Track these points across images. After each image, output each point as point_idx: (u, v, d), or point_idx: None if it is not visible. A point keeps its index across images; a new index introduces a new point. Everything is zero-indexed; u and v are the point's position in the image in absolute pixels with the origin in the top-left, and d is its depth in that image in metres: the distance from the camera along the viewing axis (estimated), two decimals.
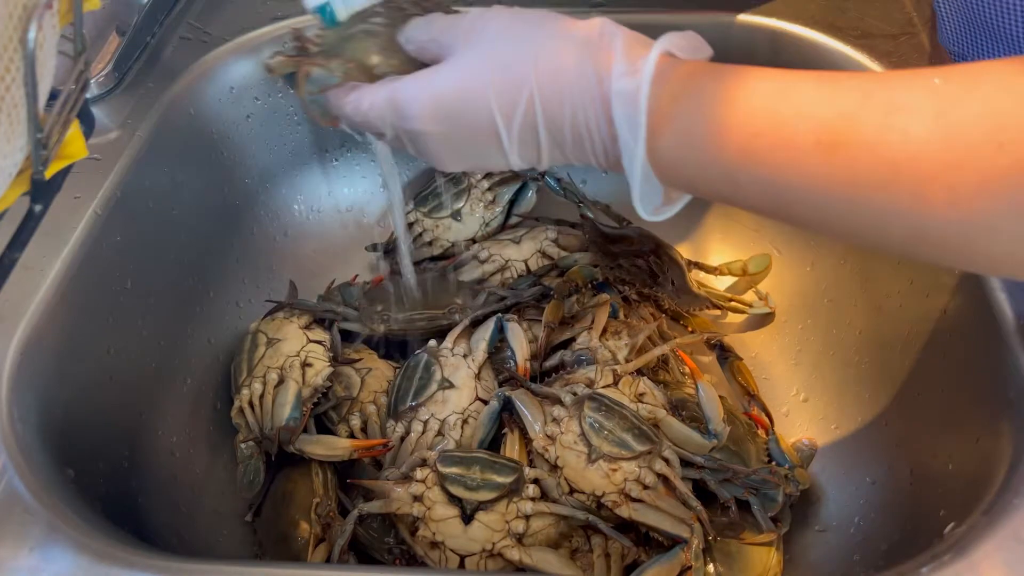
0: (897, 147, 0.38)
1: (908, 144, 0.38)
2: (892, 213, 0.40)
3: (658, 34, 0.45)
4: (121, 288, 0.70)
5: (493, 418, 0.71)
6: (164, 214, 0.77)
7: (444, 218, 0.90)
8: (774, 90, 0.41)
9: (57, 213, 0.67)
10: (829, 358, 0.79)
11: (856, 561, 0.65)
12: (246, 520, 0.74)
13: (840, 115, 0.40)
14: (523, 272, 0.87)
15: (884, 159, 0.39)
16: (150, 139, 0.75)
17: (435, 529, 0.63)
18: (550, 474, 0.66)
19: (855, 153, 0.39)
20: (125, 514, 0.62)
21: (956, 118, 0.38)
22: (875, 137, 0.39)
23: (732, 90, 0.42)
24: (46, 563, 0.50)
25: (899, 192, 0.39)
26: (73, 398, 0.63)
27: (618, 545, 0.64)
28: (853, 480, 0.71)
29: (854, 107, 0.40)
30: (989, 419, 0.58)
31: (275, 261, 0.90)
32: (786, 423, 0.79)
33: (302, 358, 0.77)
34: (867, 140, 0.39)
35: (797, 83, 0.41)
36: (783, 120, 0.41)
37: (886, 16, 0.81)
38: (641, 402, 0.70)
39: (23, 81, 0.37)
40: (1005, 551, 0.48)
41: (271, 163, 0.90)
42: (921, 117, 0.38)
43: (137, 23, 0.82)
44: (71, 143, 0.45)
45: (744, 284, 0.88)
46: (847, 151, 0.39)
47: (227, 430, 0.76)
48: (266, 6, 0.88)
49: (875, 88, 0.40)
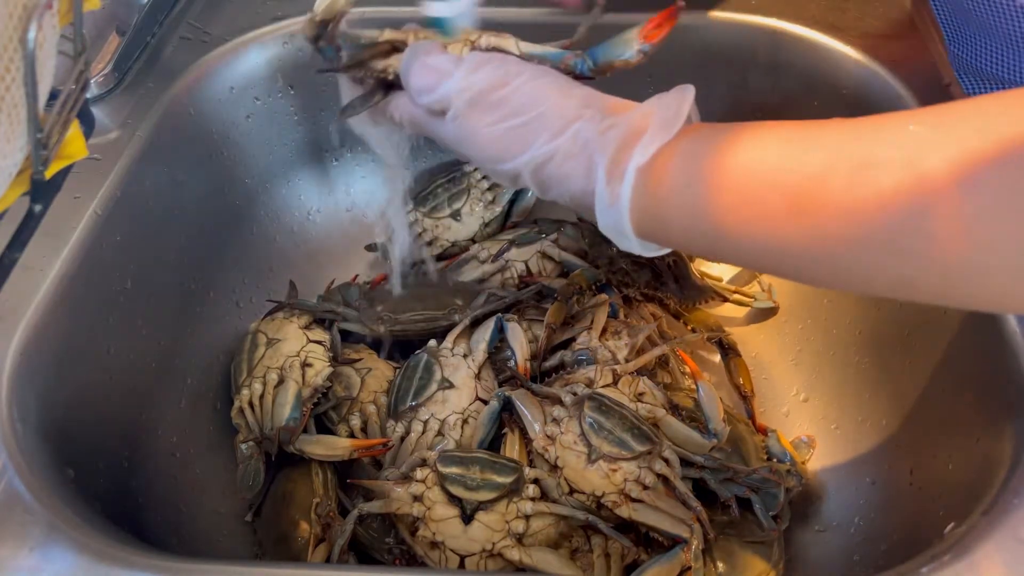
0: (869, 202, 0.39)
1: (880, 198, 0.38)
2: (872, 266, 0.40)
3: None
4: (121, 288, 0.70)
5: (493, 418, 0.71)
6: (164, 214, 0.77)
7: (444, 218, 0.90)
8: (743, 165, 0.43)
9: (57, 213, 0.67)
10: (829, 358, 0.79)
11: (856, 561, 0.65)
12: (246, 520, 0.74)
13: (809, 177, 0.40)
14: (523, 272, 0.87)
15: (856, 217, 0.39)
16: (150, 139, 0.75)
17: (435, 529, 0.63)
18: (550, 474, 0.66)
19: (828, 214, 0.40)
20: (125, 514, 0.62)
21: (927, 166, 0.38)
22: (844, 196, 0.39)
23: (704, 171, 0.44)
24: (46, 563, 0.50)
25: (874, 246, 0.39)
26: (73, 398, 0.63)
27: (618, 545, 0.64)
28: (853, 480, 0.71)
29: (822, 168, 0.40)
30: (989, 419, 0.58)
31: (275, 261, 0.90)
32: (786, 423, 0.79)
33: (302, 358, 0.77)
34: (837, 201, 0.40)
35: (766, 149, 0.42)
36: (753, 195, 0.42)
37: (886, 16, 0.81)
38: (641, 402, 0.70)
39: (23, 81, 0.37)
40: (1005, 551, 0.48)
41: (271, 163, 0.90)
42: (890, 169, 0.38)
43: (137, 23, 0.82)
44: (71, 143, 0.45)
45: (748, 274, 0.88)
46: (819, 214, 0.40)
47: (227, 430, 0.76)
48: (266, 6, 0.88)
49: (845, 143, 0.41)
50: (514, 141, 0.49)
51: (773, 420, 0.79)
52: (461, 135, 0.51)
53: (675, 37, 0.82)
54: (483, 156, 0.51)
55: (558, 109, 0.48)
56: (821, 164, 0.40)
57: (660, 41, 0.50)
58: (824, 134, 0.42)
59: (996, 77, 0.64)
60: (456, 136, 0.51)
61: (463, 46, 0.53)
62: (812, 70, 0.81)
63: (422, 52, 0.52)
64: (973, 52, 0.64)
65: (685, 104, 0.46)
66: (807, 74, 0.81)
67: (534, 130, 0.48)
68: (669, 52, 0.84)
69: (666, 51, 0.83)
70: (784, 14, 0.82)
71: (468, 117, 0.50)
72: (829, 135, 0.42)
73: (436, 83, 0.50)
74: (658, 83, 0.54)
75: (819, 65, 0.80)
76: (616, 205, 0.46)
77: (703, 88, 0.48)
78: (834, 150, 0.41)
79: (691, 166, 0.44)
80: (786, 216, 0.41)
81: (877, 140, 0.40)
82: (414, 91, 0.52)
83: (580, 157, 0.47)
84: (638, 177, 0.45)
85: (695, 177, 0.44)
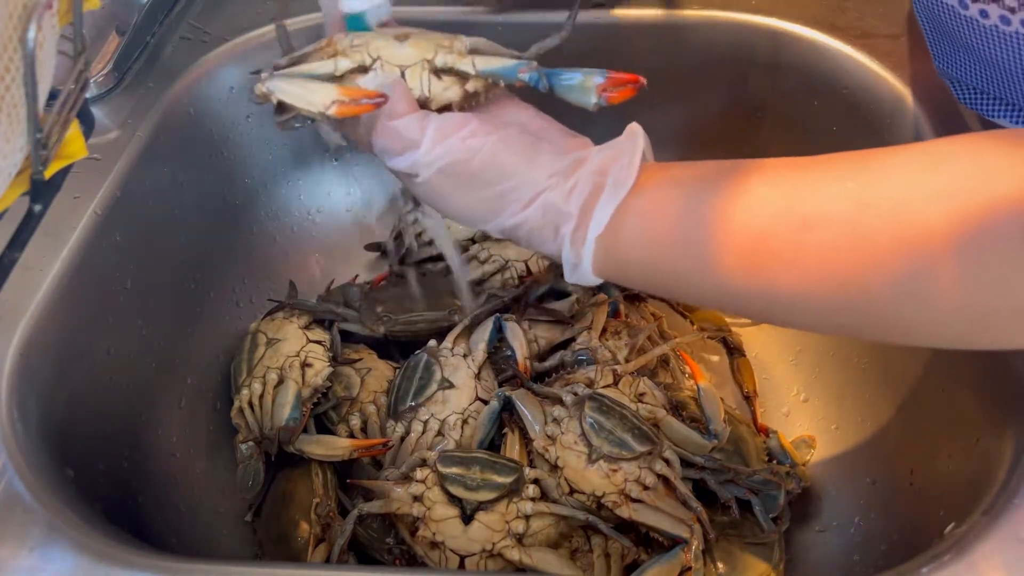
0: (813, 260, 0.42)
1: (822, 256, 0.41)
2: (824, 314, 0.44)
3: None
4: (121, 288, 0.70)
5: (493, 418, 0.71)
6: (164, 214, 0.77)
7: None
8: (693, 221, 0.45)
9: (57, 213, 0.67)
10: (829, 358, 0.79)
11: (856, 561, 0.65)
12: (246, 520, 0.74)
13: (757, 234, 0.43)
14: (523, 272, 0.87)
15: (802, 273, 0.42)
16: (150, 139, 0.75)
17: (435, 529, 0.63)
18: (550, 474, 0.66)
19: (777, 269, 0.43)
20: (125, 514, 0.62)
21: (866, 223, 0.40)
22: (790, 256, 0.42)
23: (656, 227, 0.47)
24: (46, 563, 0.50)
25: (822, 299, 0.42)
26: (73, 398, 0.63)
27: (618, 545, 0.64)
28: (853, 480, 0.71)
29: (770, 226, 0.43)
30: (989, 419, 0.58)
31: (275, 261, 0.90)
32: (786, 423, 0.79)
33: (302, 358, 0.77)
34: (784, 259, 0.42)
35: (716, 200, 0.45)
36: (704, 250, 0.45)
37: (886, 16, 0.81)
38: (641, 402, 0.70)
39: (23, 81, 0.37)
40: (1005, 551, 0.48)
41: (271, 163, 0.90)
42: (833, 229, 0.41)
43: (137, 23, 0.82)
44: (71, 143, 0.45)
45: None
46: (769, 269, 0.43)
47: (227, 430, 0.76)
48: (266, 6, 0.88)
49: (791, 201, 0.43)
50: (486, 208, 0.50)
51: (773, 420, 0.79)
52: (431, 198, 0.52)
53: (675, 37, 0.82)
54: (455, 217, 0.53)
55: (526, 179, 0.49)
56: (768, 220, 0.43)
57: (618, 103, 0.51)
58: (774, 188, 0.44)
59: (980, 89, 0.64)
60: (425, 197, 0.53)
61: (421, 70, 0.53)
62: (812, 70, 0.81)
63: (384, 115, 0.51)
64: (955, 66, 0.65)
65: (636, 154, 0.48)
66: (807, 74, 0.81)
67: (503, 201, 0.50)
68: (669, 52, 0.84)
69: (666, 51, 0.83)
70: (784, 14, 0.82)
71: (437, 185, 0.51)
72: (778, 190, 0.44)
73: (402, 150, 0.50)
74: (657, 83, 0.54)
75: (819, 65, 0.80)
76: (580, 265, 0.49)
77: (703, 88, 0.48)
78: (781, 206, 0.43)
79: (643, 223, 0.47)
80: (738, 269, 0.44)
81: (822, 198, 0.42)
82: (379, 153, 0.52)
83: (548, 228, 0.49)
84: (598, 241, 0.48)
85: (647, 234, 0.47)
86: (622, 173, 0.48)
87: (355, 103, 0.50)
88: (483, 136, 0.49)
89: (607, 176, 0.48)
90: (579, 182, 0.49)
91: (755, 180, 0.44)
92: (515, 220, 0.50)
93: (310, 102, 0.50)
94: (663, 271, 0.48)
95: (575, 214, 0.48)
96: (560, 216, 0.49)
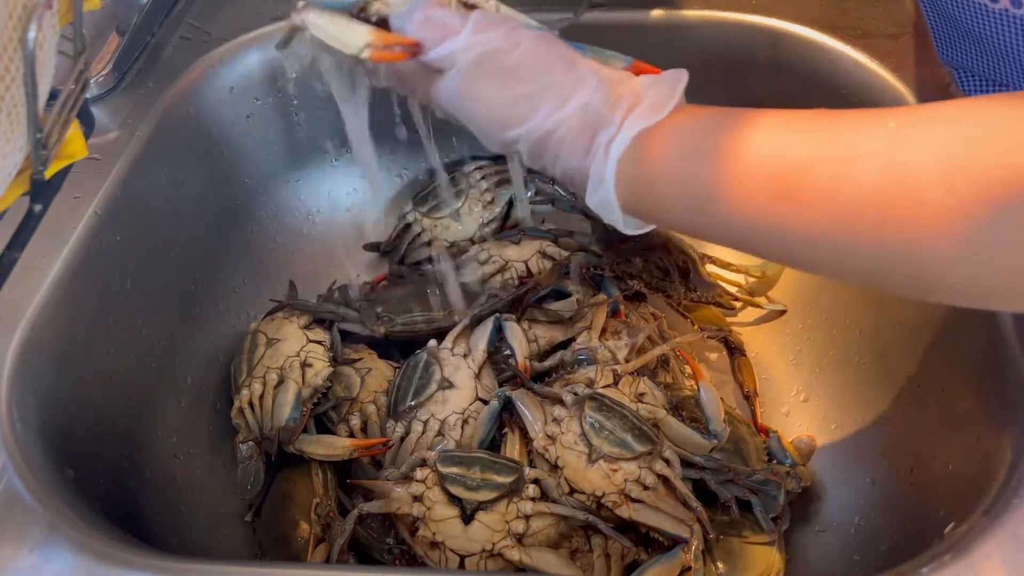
0: (850, 194, 0.40)
1: (860, 191, 0.40)
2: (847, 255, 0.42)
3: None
4: (121, 288, 0.70)
5: (493, 418, 0.71)
6: (164, 214, 0.77)
7: (443, 218, 0.90)
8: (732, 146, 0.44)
9: (57, 213, 0.67)
10: (829, 358, 0.79)
11: (856, 561, 0.65)
12: (246, 520, 0.74)
13: (794, 165, 0.42)
14: (523, 273, 0.87)
15: (838, 205, 0.41)
16: (150, 139, 0.75)
17: (435, 529, 0.63)
18: (550, 474, 0.66)
19: (809, 201, 0.41)
20: (125, 514, 0.62)
21: (907, 162, 0.39)
22: (826, 186, 0.41)
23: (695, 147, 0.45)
24: (46, 563, 0.50)
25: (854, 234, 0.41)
26: (73, 398, 0.63)
27: (618, 545, 0.64)
28: (853, 480, 0.71)
29: (808, 157, 0.42)
30: (989, 419, 0.58)
31: (275, 261, 0.90)
32: (786, 423, 0.79)
33: (302, 358, 0.77)
34: (818, 189, 0.41)
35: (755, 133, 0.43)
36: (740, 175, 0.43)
37: (886, 16, 0.81)
38: (641, 402, 0.70)
39: (23, 81, 0.38)
40: (1005, 551, 0.48)
41: (271, 163, 0.90)
42: (873, 164, 0.40)
43: (137, 23, 0.82)
44: (71, 143, 0.45)
45: (762, 286, 0.88)
46: (801, 201, 0.42)
47: (227, 430, 0.76)
48: (266, 6, 0.88)
49: (831, 136, 0.42)
50: (520, 108, 0.48)
51: (773, 420, 0.79)
52: (463, 95, 0.49)
53: (675, 37, 0.82)
54: (484, 120, 0.49)
55: (566, 79, 0.47)
56: (807, 153, 0.42)
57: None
58: (811, 124, 0.43)
59: (984, 76, 0.64)
60: (456, 96, 0.49)
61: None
62: (812, 70, 0.81)
63: (422, 3, 0.49)
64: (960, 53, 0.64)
65: (680, 84, 0.47)
66: (807, 74, 0.81)
67: (541, 99, 0.47)
68: (669, 52, 0.84)
69: (666, 51, 0.83)
70: (784, 14, 0.82)
71: (472, 78, 0.48)
72: (816, 125, 0.43)
73: (441, 39, 0.48)
74: None
75: (819, 65, 0.80)
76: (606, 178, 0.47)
77: (703, 88, 0.48)
78: (820, 140, 0.42)
79: (683, 142, 0.45)
80: (769, 199, 0.42)
81: (862, 135, 0.41)
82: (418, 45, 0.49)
83: (584, 134, 0.47)
84: (631, 149, 0.46)
85: (686, 152, 0.45)
86: (663, 94, 0.46)
87: (389, 49, 0.48)
88: (523, 31, 0.48)
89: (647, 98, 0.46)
90: (626, 94, 0.47)
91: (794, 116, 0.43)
92: (551, 122, 0.47)
93: (344, 43, 0.48)
94: (694, 194, 0.45)
95: (618, 122, 0.46)
96: (600, 122, 0.46)
